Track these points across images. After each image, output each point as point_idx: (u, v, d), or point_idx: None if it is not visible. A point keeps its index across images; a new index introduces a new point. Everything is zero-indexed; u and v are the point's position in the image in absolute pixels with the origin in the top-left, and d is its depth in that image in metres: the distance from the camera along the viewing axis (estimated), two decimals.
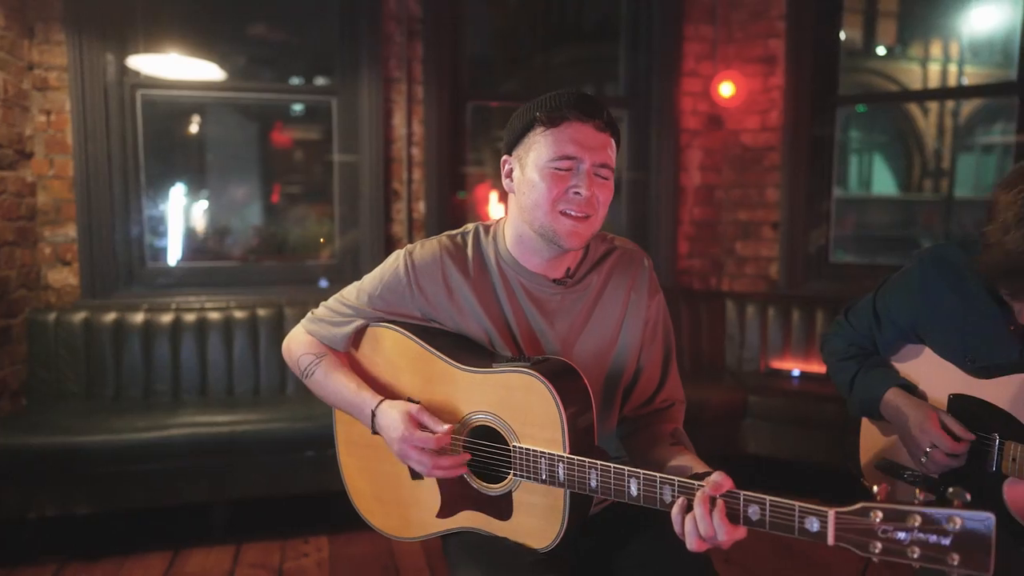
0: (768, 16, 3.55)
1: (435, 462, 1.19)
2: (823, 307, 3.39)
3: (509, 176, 1.25)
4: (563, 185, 1.16)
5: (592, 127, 1.16)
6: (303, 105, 3.64)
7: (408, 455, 1.21)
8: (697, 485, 0.98)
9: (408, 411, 1.23)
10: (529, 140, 1.19)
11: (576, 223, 1.17)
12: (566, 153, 1.15)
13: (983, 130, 8.01)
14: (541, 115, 1.17)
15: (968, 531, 0.82)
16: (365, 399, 1.30)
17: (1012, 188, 1.11)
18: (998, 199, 1.12)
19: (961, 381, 1.33)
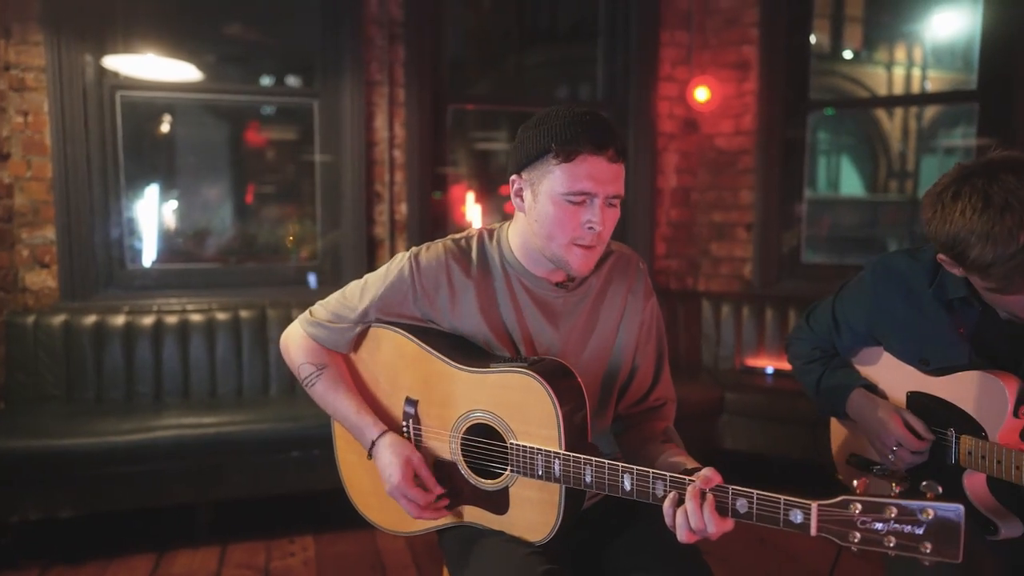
0: (742, 23, 3.64)
1: (419, 512, 1.29)
2: (796, 306, 3.49)
3: (519, 196, 1.27)
4: (577, 219, 1.19)
5: (605, 159, 1.18)
6: (283, 107, 3.64)
7: (397, 499, 1.31)
8: (688, 480, 1.04)
9: (409, 458, 1.30)
10: (542, 167, 1.20)
11: (586, 252, 1.22)
12: (582, 189, 1.17)
13: (945, 133, 8.26)
14: (556, 147, 1.18)
15: (940, 521, 0.89)
16: (367, 425, 1.36)
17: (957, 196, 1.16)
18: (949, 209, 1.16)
19: (916, 379, 1.41)
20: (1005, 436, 1.24)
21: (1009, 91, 3.17)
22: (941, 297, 1.33)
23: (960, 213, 1.12)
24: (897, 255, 1.43)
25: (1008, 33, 3.19)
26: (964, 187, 1.14)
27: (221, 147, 3.69)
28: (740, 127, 3.71)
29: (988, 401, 1.26)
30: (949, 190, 1.16)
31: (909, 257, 1.40)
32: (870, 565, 2.30)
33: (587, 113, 1.20)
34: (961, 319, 1.32)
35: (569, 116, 1.19)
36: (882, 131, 8.51)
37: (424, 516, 1.30)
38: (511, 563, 1.20)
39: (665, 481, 1.07)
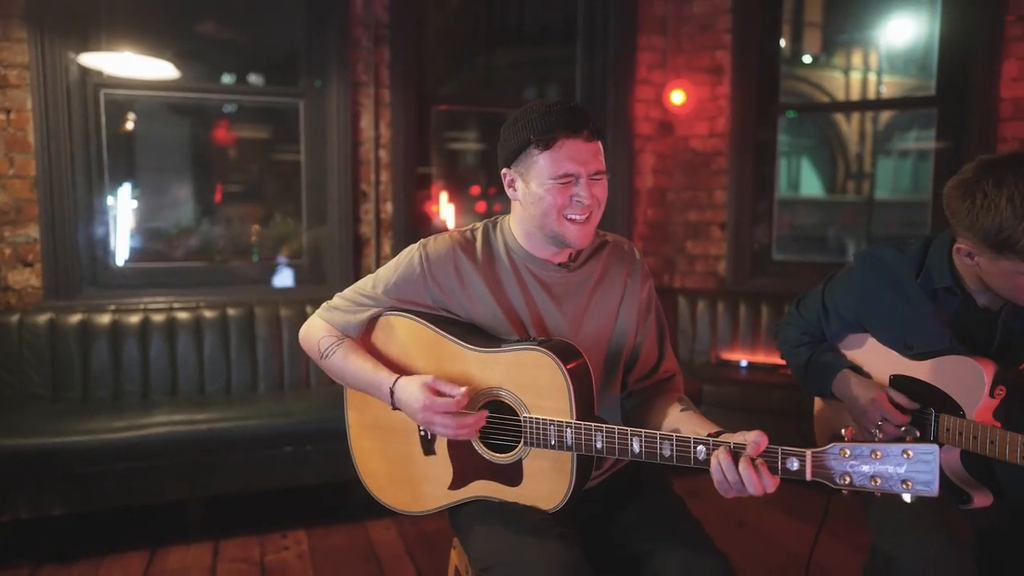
0: (715, 29, 3.78)
1: (459, 422, 1.29)
2: (767, 302, 3.64)
3: (512, 186, 1.37)
4: (566, 195, 1.29)
5: (582, 140, 1.28)
6: (269, 107, 3.65)
7: (432, 420, 1.30)
8: (713, 443, 1.13)
9: (425, 382, 1.33)
10: (527, 158, 1.31)
11: (580, 226, 1.32)
12: (565, 171, 1.28)
13: (899, 136, 8.59)
14: (535, 138, 1.28)
15: (918, 460, 1.00)
16: (382, 377, 1.40)
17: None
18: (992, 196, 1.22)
19: (900, 363, 1.53)
20: (981, 414, 1.36)
21: (965, 97, 3.37)
22: (926, 287, 1.44)
23: (1008, 200, 1.19)
24: (885, 248, 1.55)
25: (964, 43, 3.38)
26: (1005, 175, 1.21)
27: (205, 146, 3.68)
28: (714, 129, 3.84)
29: (966, 383, 1.38)
30: (986, 180, 1.23)
31: (896, 250, 1.52)
32: (848, 548, 2.43)
33: (558, 102, 1.31)
34: (943, 307, 1.43)
35: (543, 108, 1.30)
36: (840, 134, 8.80)
37: (466, 425, 1.29)
38: (527, 528, 1.27)
39: (687, 443, 1.16)
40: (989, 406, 1.36)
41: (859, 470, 1.04)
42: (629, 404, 1.52)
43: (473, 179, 4.89)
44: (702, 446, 1.15)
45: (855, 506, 1.70)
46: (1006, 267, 1.26)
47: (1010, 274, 1.26)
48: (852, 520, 1.99)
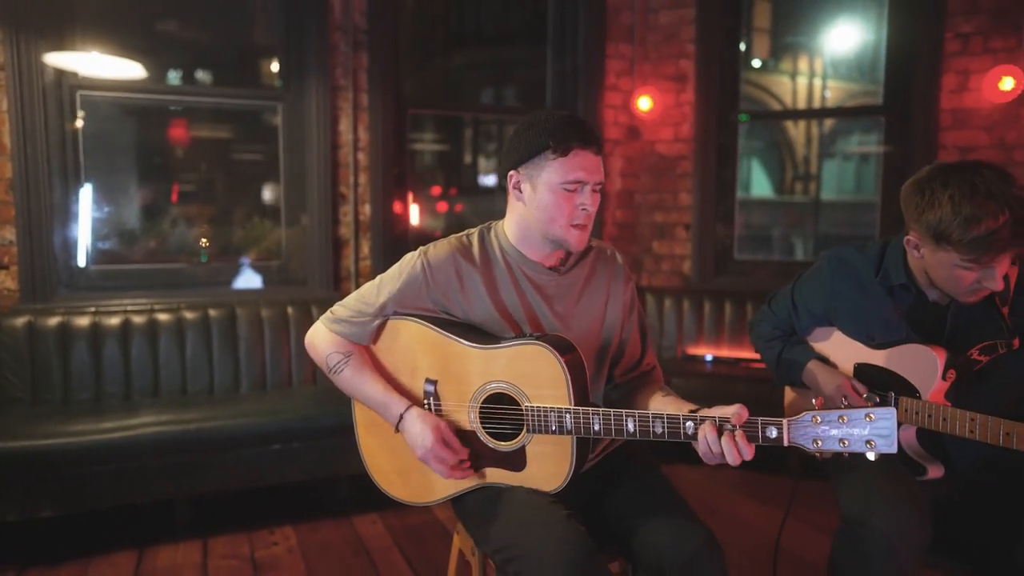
0: (680, 39, 3.95)
1: (451, 473, 1.46)
2: (730, 299, 3.83)
3: (518, 188, 1.48)
4: (572, 203, 1.42)
5: (591, 152, 1.42)
6: (247, 110, 3.67)
7: (429, 462, 1.47)
8: (701, 417, 1.27)
9: (437, 427, 1.46)
10: (540, 162, 1.43)
11: (581, 231, 1.45)
12: (576, 178, 1.41)
13: (843, 140, 9.00)
14: (553, 144, 1.40)
15: (879, 423, 1.15)
16: (393, 402, 1.51)
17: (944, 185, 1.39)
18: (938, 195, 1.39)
19: (863, 352, 1.69)
20: (935, 396, 1.53)
21: (909, 107, 3.62)
22: (884, 284, 1.61)
23: (949, 199, 1.36)
24: (847, 250, 1.71)
25: (908, 56, 3.63)
26: (952, 178, 1.38)
27: (183, 147, 3.68)
28: (679, 134, 4.02)
29: (921, 368, 1.55)
30: (935, 180, 1.40)
31: (857, 251, 1.68)
32: (813, 530, 2.61)
33: (573, 115, 1.46)
34: (900, 302, 1.60)
35: (559, 118, 1.44)
36: (788, 137, 9.17)
37: (454, 476, 1.47)
38: (535, 510, 1.38)
39: (663, 419, 1.31)
40: (941, 388, 1.53)
41: (828, 434, 1.18)
42: (616, 394, 1.65)
43: (432, 179, 4.98)
44: (690, 422, 1.29)
45: (819, 492, 1.87)
46: (944, 259, 1.42)
47: (948, 266, 1.43)
48: (816, 505, 2.17)
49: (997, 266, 1.38)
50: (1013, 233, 1.32)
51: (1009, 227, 1.32)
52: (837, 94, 8.82)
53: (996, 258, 1.35)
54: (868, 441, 1.15)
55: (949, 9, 3.46)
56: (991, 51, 3.41)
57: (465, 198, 5.24)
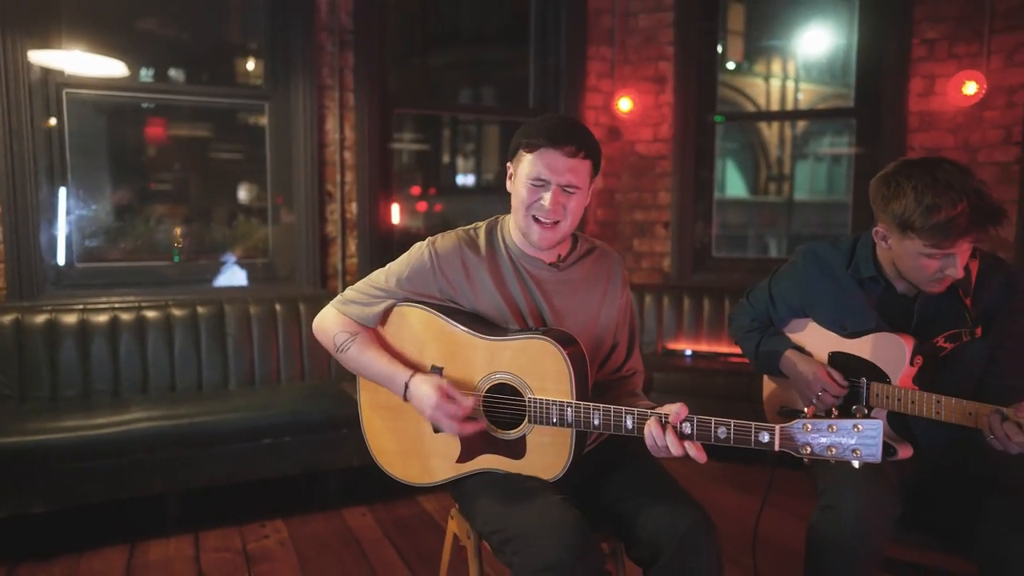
0: (658, 42, 4.05)
1: (462, 427, 1.49)
2: (708, 295, 3.94)
3: (509, 179, 1.58)
4: (535, 196, 1.49)
5: (562, 154, 1.47)
6: (234, 108, 3.69)
7: (440, 420, 1.50)
8: (651, 413, 1.36)
9: (440, 385, 1.50)
10: (518, 157, 1.53)
11: (544, 229, 1.51)
12: (539, 175, 1.48)
13: (815, 141, 9.22)
14: (525, 140, 1.50)
15: (865, 433, 1.23)
16: (398, 372, 1.56)
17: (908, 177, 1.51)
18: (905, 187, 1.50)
19: (836, 341, 1.79)
20: (903, 381, 1.63)
21: (879, 110, 3.75)
22: (855, 276, 1.71)
23: (912, 189, 1.47)
24: (821, 245, 1.81)
25: (877, 61, 3.77)
26: (915, 171, 1.49)
27: (169, 146, 3.69)
28: (658, 135, 4.12)
29: (891, 355, 1.64)
30: (900, 174, 1.51)
31: (830, 246, 1.78)
32: (789, 517, 2.70)
33: (556, 117, 1.53)
34: (870, 294, 1.70)
35: (541, 120, 1.52)
36: (762, 139, 9.36)
37: (465, 431, 1.50)
38: (532, 493, 1.45)
39: (635, 415, 1.39)
40: (910, 373, 1.63)
41: (818, 441, 1.25)
42: (591, 393, 1.72)
43: (411, 179, 5.02)
44: (631, 417, 1.39)
45: (794, 481, 1.97)
46: (909, 247, 1.53)
47: (913, 254, 1.53)
48: (792, 493, 2.26)
49: (957, 253, 1.48)
50: (970, 220, 1.43)
51: (967, 215, 1.42)
52: (809, 96, 9.02)
53: (956, 243, 1.45)
54: (855, 450, 1.23)
55: (916, 16, 3.60)
56: (955, 57, 3.56)
57: (444, 198, 5.28)
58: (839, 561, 1.49)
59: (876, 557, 1.52)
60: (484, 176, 5.38)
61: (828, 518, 1.52)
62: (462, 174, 5.48)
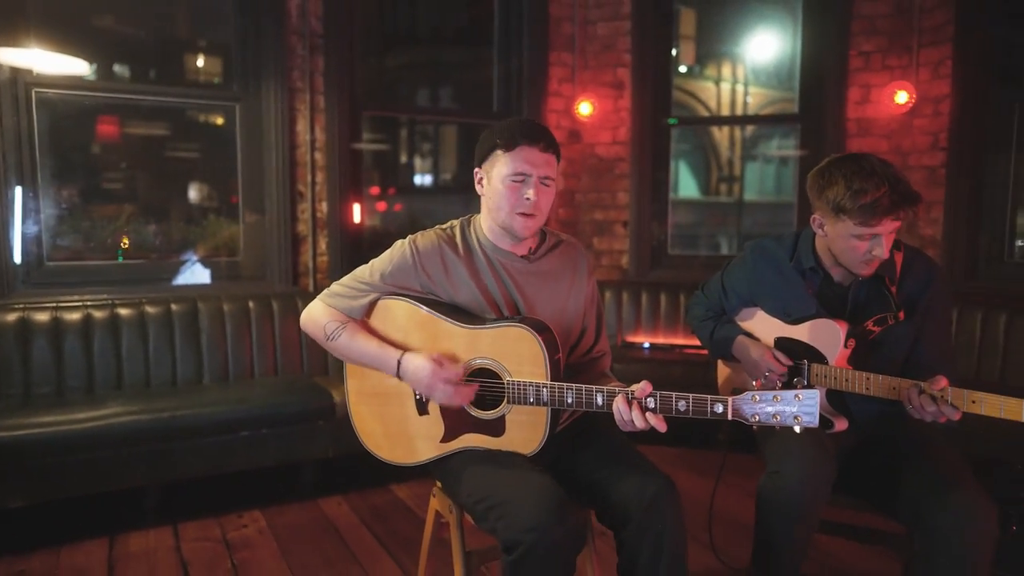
0: (617, 49, 4.25)
1: (457, 390, 1.62)
2: (665, 290, 4.14)
3: (480, 183, 1.71)
4: (518, 194, 1.63)
5: (538, 149, 1.63)
6: (204, 110, 3.73)
7: (436, 388, 1.61)
8: (618, 390, 1.52)
9: (431, 356, 1.64)
10: (493, 159, 1.66)
11: (527, 220, 1.66)
12: (521, 171, 1.62)
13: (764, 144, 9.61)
14: (500, 141, 1.63)
15: (805, 402, 1.42)
16: (388, 353, 1.69)
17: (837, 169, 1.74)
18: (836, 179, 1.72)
19: (781, 327, 1.98)
20: (839, 361, 1.83)
21: (821, 116, 4.02)
22: (798, 268, 1.91)
23: (843, 177, 1.68)
24: (768, 240, 2.01)
25: (819, 70, 4.03)
26: (844, 163, 1.72)
27: (141, 146, 3.72)
28: (616, 138, 4.31)
29: (828, 338, 1.85)
30: (832, 166, 1.74)
31: (775, 241, 1.98)
32: (740, 495, 2.92)
33: (522, 119, 1.69)
34: (810, 283, 1.90)
35: (510, 121, 1.67)
36: (713, 141, 9.71)
37: (462, 395, 1.62)
38: (513, 466, 1.60)
39: (608, 393, 1.55)
40: (844, 355, 1.83)
41: (765, 411, 1.43)
42: (566, 375, 1.87)
43: (370, 180, 5.10)
44: (601, 395, 1.54)
45: (745, 463, 2.16)
46: (842, 229, 1.73)
47: (846, 236, 1.73)
48: (742, 473, 2.46)
49: (883, 234, 1.69)
50: (892, 201, 1.64)
51: (889, 196, 1.64)
52: (758, 100, 9.39)
53: (881, 222, 1.66)
54: (796, 416, 1.40)
55: (853, 30, 3.88)
56: (888, 68, 3.85)
57: (402, 198, 5.37)
58: (784, 518, 1.69)
59: (815, 516, 1.72)
60: (442, 176, 5.47)
61: (774, 481, 1.71)
62: (420, 174, 5.56)
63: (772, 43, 4.92)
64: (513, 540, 1.46)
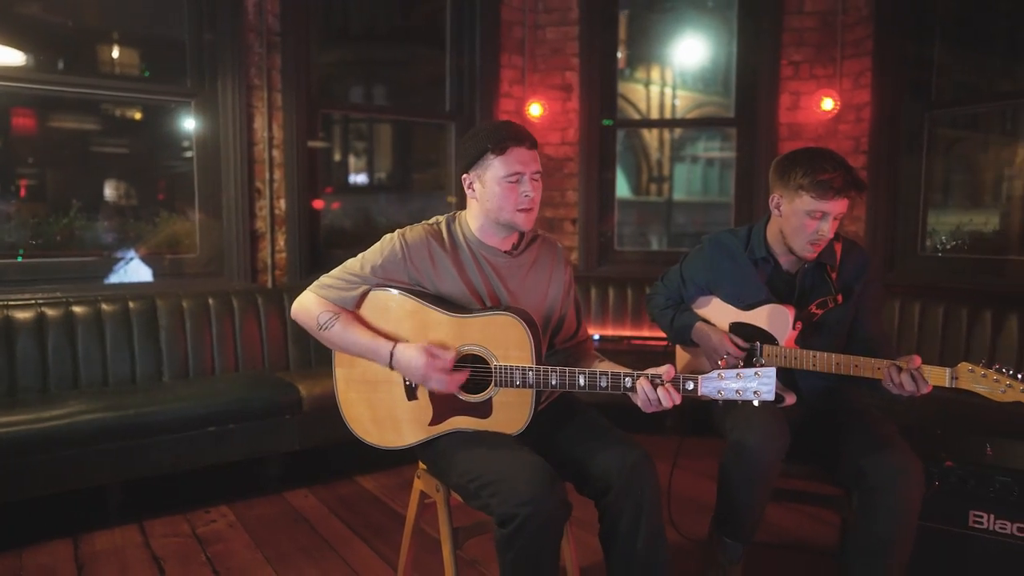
0: (565, 53, 4.42)
1: (450, 377, 1.72)
2: (613, 285, 4.34)
3: (471, 188, 1.82)
4: (516, 193, 1.76)
5: (525, 148, 1.76)
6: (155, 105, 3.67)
7: (430, 376, 1.71)
8: (637, 374, 1.65)
9: (423, 347, 1.73)
10: (484, 163, 1.76)
11: (527, 214, 1.79)
12: (515, 171, 1.74)
13: (691, 146, 10.04)
14: (490, 145, 1.74)
15: (764, 378, 1.60)
16: (381, 344, 1.78)
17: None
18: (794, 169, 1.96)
19: (736, 313, 2.18)
20: (788, 342, 2.04)
21: (755, 120, 4.30)
22: (751, 257, 2.11)
23: (806, 159, 1.92)
24: (724, 233, 2.20)
25: (752, 77, 4.32)
26: (804, 152, 1.95)
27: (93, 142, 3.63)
28: (565, 138, 4.49)
29: (778, 322, 2.05)
30: (795, 153, 1.97)
31: (731, 233, 2.18)
32: (696, 476, 3.12)
33: (505, 122, 1.80)
34: (762, 272, 2.10)
35: (494, 125, 1.79)
36: (644, 142, 10.07)
37: (455, 383, 1.72)
38: (502, 446, 1.72)
39: (613, 376, 1.69)
40: (792, 336, 2.04)
41: (729, 387, 1.60)
42: (556, 360, 2.00)
43: (322, 180, 5.07)
44: (629, 378, 1.67)
45: (698, 447, 2.34)
46: (799, 206, 1.93)
47: (800, 214, 1.93)
48: (695, 456, 2.64)
49: (832, 212, 1.90)
50: (844, 182, 1.87)
51: (842, 177, 1.87)
52: (685, 102, 9.78)
53: (833, 200, 1.88)
54: (756, 391, 1.58)
55: (784, 41, 4.17)
56: (815, 77, 4.16)
57: (338, 196, 5.36)
58: (746, 482, 1.88)
59: (773, 479, 1.92)
60: (376, 175, 5.49)
61: (735, 449, 1.89)
62: (354, 173, 5.56)
63: (700, 47, 5.17)
64: (508, 514, 1.57)
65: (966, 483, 1.95)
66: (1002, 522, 1.93)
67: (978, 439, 2.13)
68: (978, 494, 1.94)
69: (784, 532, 2.72)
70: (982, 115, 4.05)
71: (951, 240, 4.05)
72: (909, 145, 3.96)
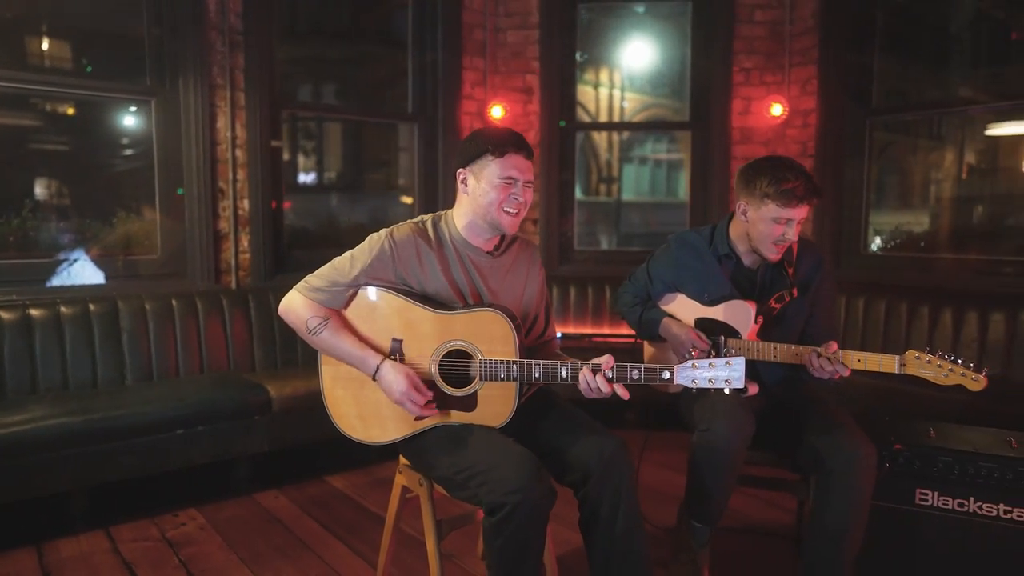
0: (525, 56, 4.50)
1: (421, 410, 1.81)
2: (573, 284, 4.45)
3: (464, 183, 1.88)
4: (507, 193, 1.83)
5: (523, 156, 1.85)
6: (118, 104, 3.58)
7: (405, 403, 1.80)
8: (593, 365, 1.75)
9: (409, 374, 1.80)
10: (482, 162, 1.83)
11: (513, 217, 1.86)
12: (510, 175, 1.82)
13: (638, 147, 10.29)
14: (492, 148, 1.82)
15: (734, 368, 1.70)
16: (369, 355, 1.83)
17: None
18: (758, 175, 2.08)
19: (701, 309, 2.29)
20: (750, 336, 2.16)
21: (709, 124, 4.47)
22: (715, 254, 2.23)
23: (770, 168, 2.04)
24: (689, 232, 2.32)
25: (706, 83, 4.49)
26: (768, 161, 2.07)
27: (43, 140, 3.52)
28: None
29: (741, 316, 2.17)
30: (760, 162, 2.09)
31: (695, 232, 2.30)
32: (662, 468, 3.23)
33: (507, 129, 1.90)
34: (725, 268, 2.23)
35: (497, 131, 1.88)
36: (594, 143, 10.26)
37: (424, 414, 1.81)
38: (489, 438, 1.79)
39: (577, 367, 1.77)
40: (754, 330, 2.17)
41: (703, 376, 1.71)
42: (525, 353, 2.08)
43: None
44: (565, 368, 1.78)
45: (662, 440, 2.44)
46: (764, 213, 2.06)
47: (767, 220, 2.06)
48: (661, 449, 2.76)
49: (796, 218, 2.03)
50: (806, 190, 2.01)
51: (804, 186, 2.01)
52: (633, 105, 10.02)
53: (796, 207, 2.01)
54: (727, 380, 1.69)
55: (735, 48, 4.35)
56: (765, 83, 4.35)
57: (288, 196, 5.30)
58: (715, 467, 1.99)
59: (740, 464, 2.04)
60: (326, 175, 5.47)
61: (705, 437, 2.00)
62: (303, 172, 5.52)
63: (647, 51, 5.32)
64: (497, 503, 1.64)
65: (913, 464, 2.10)
66: (944, 498, 2.09)
67: (923, 424, 2.30)
68: (923, 473, 2.10)
69: (745, 517, 2.86)
70: (912, 122, 4.30)
71: (890, 240, 4.30)
72: (851, 150, 4.18)
